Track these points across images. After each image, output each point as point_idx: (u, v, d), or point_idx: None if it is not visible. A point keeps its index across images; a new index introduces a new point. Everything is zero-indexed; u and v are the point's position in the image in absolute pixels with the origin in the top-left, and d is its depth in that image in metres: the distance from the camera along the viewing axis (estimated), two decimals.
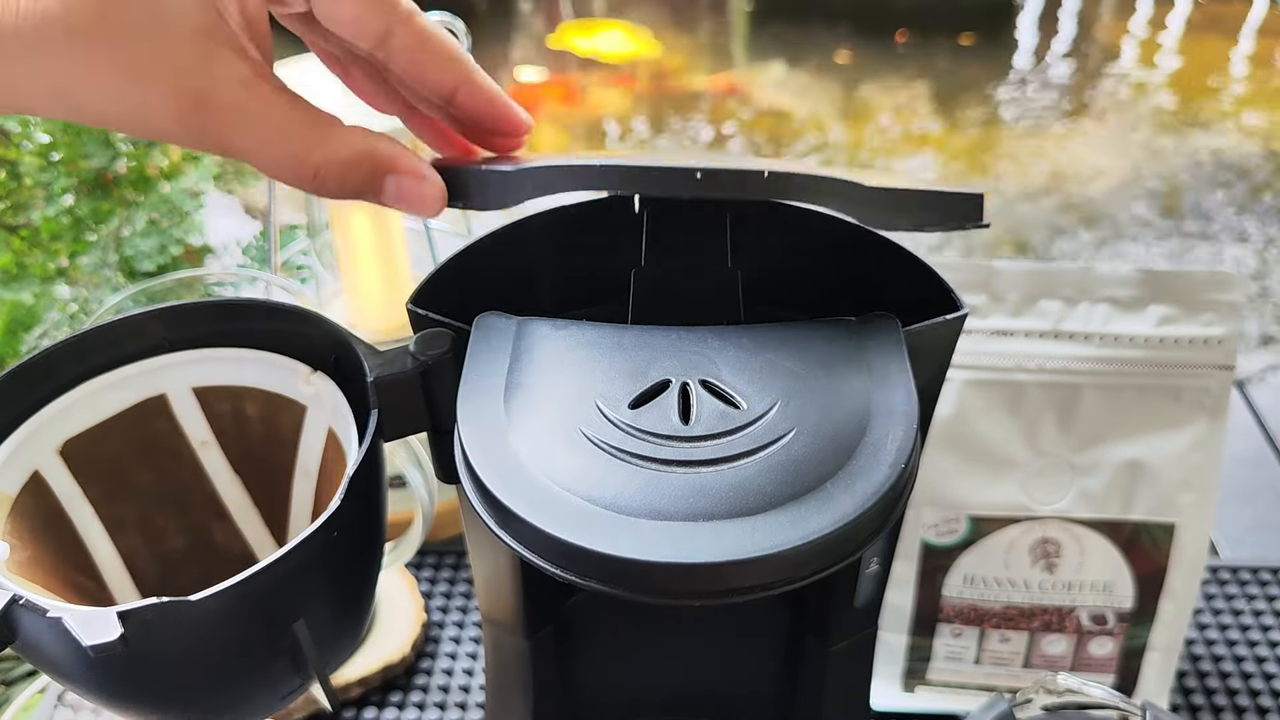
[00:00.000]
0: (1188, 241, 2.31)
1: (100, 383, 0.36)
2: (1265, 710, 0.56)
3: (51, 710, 0.56)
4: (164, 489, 0.38)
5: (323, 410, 0.36)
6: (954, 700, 0.56)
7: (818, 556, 0.27)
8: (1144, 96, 2.93)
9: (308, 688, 0.33)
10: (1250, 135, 2.71)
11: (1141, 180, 2.53)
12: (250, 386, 0.37)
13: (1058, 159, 2.63)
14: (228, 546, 0.39)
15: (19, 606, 0.27)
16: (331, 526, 0.30)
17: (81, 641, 0.26)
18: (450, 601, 0.62)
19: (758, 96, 2.97)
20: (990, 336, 0.50)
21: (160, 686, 0.30)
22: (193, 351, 0.37)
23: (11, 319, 1.08)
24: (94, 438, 0.36)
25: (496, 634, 0.42)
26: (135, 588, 0.37)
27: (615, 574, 0.26)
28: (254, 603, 0.29)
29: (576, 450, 0.28)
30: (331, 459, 0.36)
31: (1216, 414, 0.50)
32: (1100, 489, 0.52)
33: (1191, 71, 3.05)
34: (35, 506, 0.34)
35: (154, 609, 0.26)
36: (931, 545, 0.53)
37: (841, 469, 0.28)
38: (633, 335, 0.32)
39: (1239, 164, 2.58)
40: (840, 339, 0.32)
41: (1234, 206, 2.41)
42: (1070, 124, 2.79)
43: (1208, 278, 0.49)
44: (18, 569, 0.32)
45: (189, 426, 0.38)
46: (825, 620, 0.40)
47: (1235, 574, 0.63)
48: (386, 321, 0.60)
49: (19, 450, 0.34)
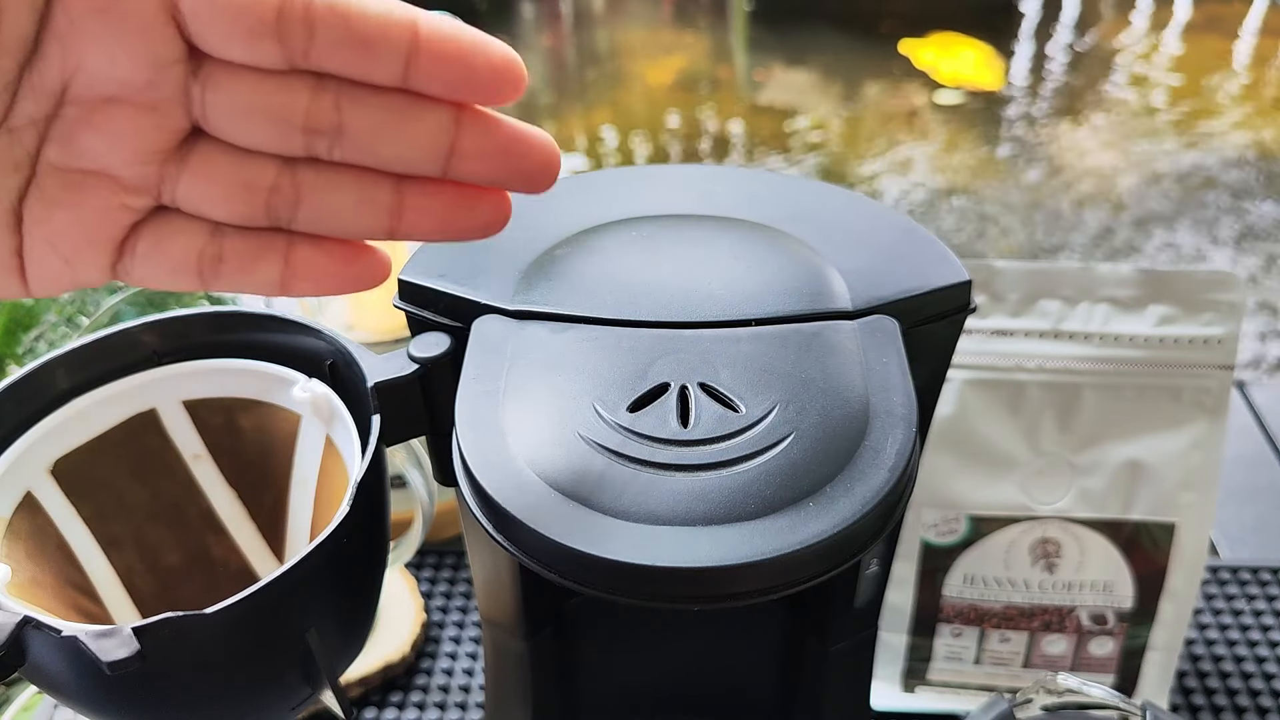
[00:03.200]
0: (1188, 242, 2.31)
1: (89, 399, 0.35)
2: (1265, 710, 0.56)
3: (51, 710, 0.56)
4: (158, 505, 0.38)
5: (319, 418, 0.36)
6: (954, 700, 0.56)
7: (817, 561, 0.27)
8: (1143, 96, 2.93)
9: (318, 697, 0.33)
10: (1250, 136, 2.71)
11: (1141, 180, 2.53)
12: (242, 398, 0.37)
13: (1058, 159, 2.62)
14: (225, 561, 0.39)
15: (30, 628, 0.27)
16: (341, 534, 0.30)
17: (99, 659, 0.26)
18: (450, 601, 0.62)
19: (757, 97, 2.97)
20: (990, 336, 0.50)
21: (172, 703, 0.30)
22: (183, 364, 0.37)
23: (10, 319, 1.08)
24: (85, 456, 0.36)
25: (496, 635, 0.42)
26: (134, 606, 0.37)
27: (613, 579, 0.26)
28: (267, 614, 0.29)
29: (575, 454, 0.28)
30: (330, 467, 0.36)
31: (1216, 414, 0.50)
32: (1100, 489, 0.52)
33: (1191, 71, 3.05)
34: (30, 528, 0.34)
35: (169, 624, 0.26)
36: (931, 545, 0.53)
37: (841, 472, 0.28)
38: (631, 337, 0.31)
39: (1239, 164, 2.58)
40: (839, 340, 0.32)
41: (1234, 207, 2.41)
42: (1070, 124, 2.78)
43: (1208, 277, 0.49)
44: (19, 591, 0.32)
45: (181, 441, 0.37)
46: (825, 621, 0.40)
47: (1235, 574, 0.63)
48: (386, 321, 0.60)
49: (10, 471, 0.34)
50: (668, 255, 0.35)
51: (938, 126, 2.76)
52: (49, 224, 0.24)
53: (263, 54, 0.23)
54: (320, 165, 0.25)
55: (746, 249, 0.35)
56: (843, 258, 0.35)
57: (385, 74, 0.24)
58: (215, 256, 0.26)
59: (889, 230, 0.37)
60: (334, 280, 0.27)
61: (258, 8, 0.23)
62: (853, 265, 0.35)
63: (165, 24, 0.23)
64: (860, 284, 0.34)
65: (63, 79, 0.23)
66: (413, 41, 0.24)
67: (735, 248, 0.36)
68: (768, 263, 0.35)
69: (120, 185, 0.25)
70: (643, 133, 2.80)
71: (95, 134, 0.24)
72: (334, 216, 0.26)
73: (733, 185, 0.40)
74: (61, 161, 0.24)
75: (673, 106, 2.92)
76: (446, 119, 0.25)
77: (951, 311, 0.35)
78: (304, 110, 0.24)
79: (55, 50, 0.23)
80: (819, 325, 0.32)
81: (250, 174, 0.25)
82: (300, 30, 0.23)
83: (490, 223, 0.27)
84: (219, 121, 0.24)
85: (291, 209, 0.26)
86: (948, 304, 0.35)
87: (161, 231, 0.25)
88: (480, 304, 0.34)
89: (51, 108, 0.23)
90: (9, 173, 0.24)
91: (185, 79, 0.24)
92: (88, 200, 0.24)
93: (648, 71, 3.19)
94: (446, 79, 0.24)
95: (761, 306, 0.33)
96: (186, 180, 0.25)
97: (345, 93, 0.24)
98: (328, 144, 0.25)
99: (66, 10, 0.22)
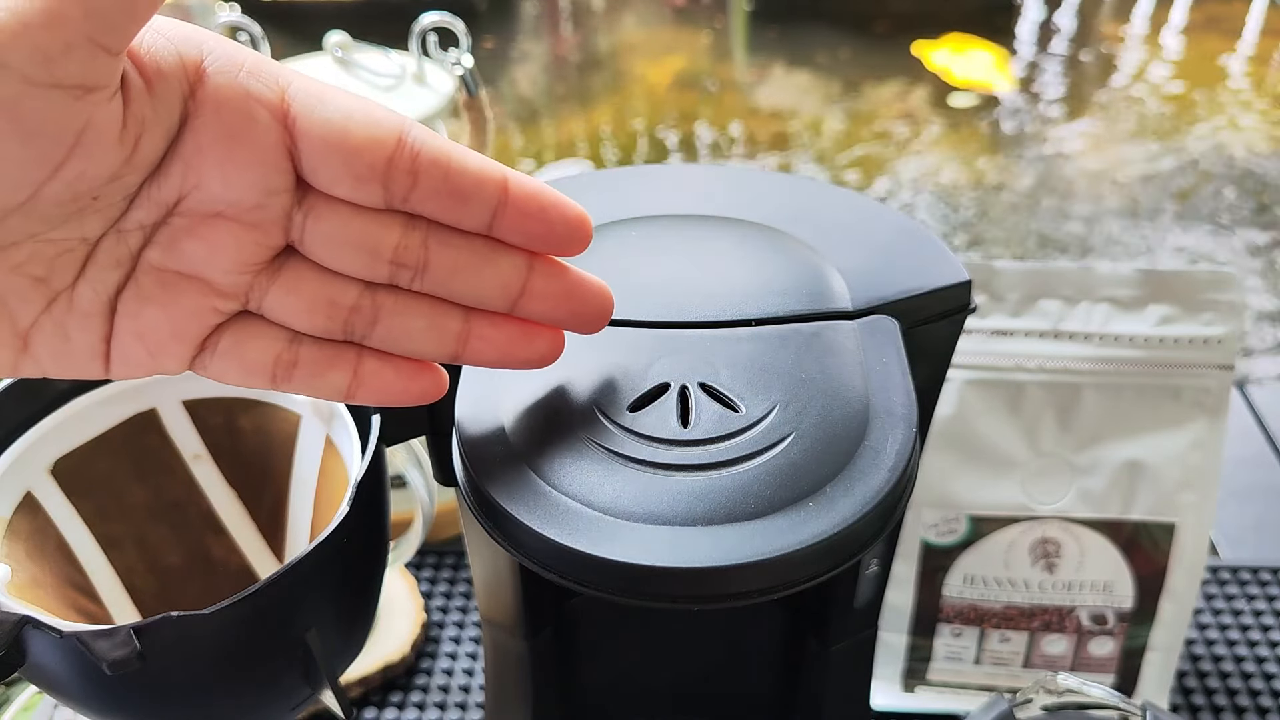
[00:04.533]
0: (1189, 243, 2.31)
1: (89, 399, 0.35)
2: (1265, 710, 0.56)
3: (51, 710, 0.56)
4: (158, 505, 0.38)
5: (319, 418, 0.36)
6: (954, 700, 0.56)
7: (817, 561, 0.27)
8: (1143, 97, 2.93)
9: (318, 697, 0.33)
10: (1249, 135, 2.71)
11: (1141, 182, 2.53)
12: (242, 398, 0.37)
13: (1059, 159, 2.62)
14: (225, 561, 0.39)
15: (30, 628, 0.27)
16: (340, 534, 0.30)
17: (99, 659, 0.26)
18: (450, 601, 0.62)
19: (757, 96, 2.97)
20: (990, 336, 0.50)
21: (172, 703, 0.30)
22: None
23: None
24: (85, 456, 0.36)
25: (496, 635, 0.42)
26: (134, 606, 0.37)
27: (613, 579, 0.26)
28: (267, 614, 0.29)
29: (575, 453, 0.28)
30: (330, 466, 0.36)
31: (1216, 414, 0.50)
32: (1100, 489, 0.52)
33: (1191, 72, 3.05)
34: (30, 528, 0.34)
35: (169, 623, 0.26)
36: (931, 545, 0.53)
37: (841, 472, 0.28)
38: (631, 337, 0.31)
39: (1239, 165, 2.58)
40: (839, 340, 0.32)
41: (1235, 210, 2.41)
42: (1069, 125, 2.78)
43: (1208, 277, 0.49)
44: (19, 591, 0.32)
45: (181, 441, 0.37)
46: (825, 621, 0.40)
47: (1235, 574, 0.63)
48: None
49: (10, 471, 0.34)
50: (668, 255, 0.35)
51: (941, 127, 2.76)
52: (140, 318, 0.26)
53: (367, 195, 0.25)
54: (399, 291, 0.27)
55: (746, 249, 0.35)
56: (843, 258, 0.35)
57: (473, 222, 0.26)
58: (290, 362, 0.27)
59: (889, 230, 0.37)
60: (396, 393, 0.28)
61: (369, 155, 0.25)
62: (853, 265, 0.35)
63: (282, 158, 0.24)
64: (860, 284, 0.34)
65: (179, 194, 0.24)
66: (502, 197, 0.26)
67: (735, 248, 0.36)
68: (768, 263, 0.35)
69: (213, 290, 0.26)
70: (642, 132, 2.80)
71: (198, 243, 0.25)
72: (406, 338, 0.27)
73: (733, 185, 0.40)
74: (161, 263, 0.25)
75: (672, 106, 2.92)
76: (521, 264, 0.27)
77: (951, 311, 0.35)
78: (394, 246, 0.26)
79: (178, 170, 0.24)
80: (819, 325, 0.32)
81: (335, 293, 0.27)
82: (404, 178, 0.25)
83: (545, 356, 0.29)
84: (314, 246, 0.26)
85: (368, 327, 0.27)
86: (948, 304, 0.35)
87: (243, 334, 0.27)
88: None
89: (162, 216, 0.25)
90: (110, 268, 0.25)
91: (290, 205, 0.25)
92: (180, 300, 0.26)
93: (648, 71, 3.19)
94: (527, 231, 0.27)
95: (761, 306, 0.33)
96: (275, 292, 0.26)
97: (434, 234, 0.26)
98: (410, 276, 0.27)
99: (196, 137, 0.24)
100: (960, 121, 2.80)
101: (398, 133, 0.25)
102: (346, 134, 0.24)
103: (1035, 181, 2.52)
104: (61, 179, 0.22)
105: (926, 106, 2.86)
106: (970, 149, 2.67)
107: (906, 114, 2.82)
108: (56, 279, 0.24)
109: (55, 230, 0.24)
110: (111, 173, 0.23)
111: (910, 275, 0.34)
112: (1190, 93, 2.93)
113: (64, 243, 0.24)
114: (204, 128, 0.24)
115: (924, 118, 2.81)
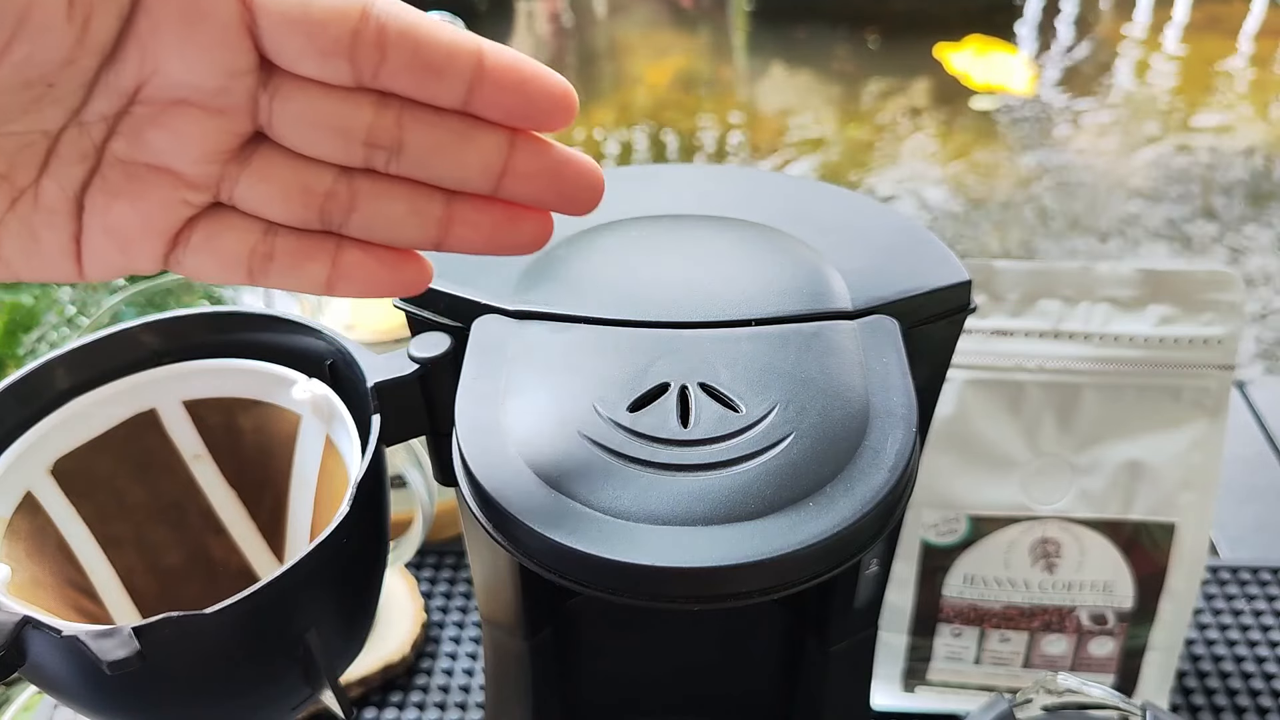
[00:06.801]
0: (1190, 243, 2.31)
1: (90, 399, 0.35)
2: (1265, 710, 0.56)
3: (51, 710, 0.56)
4: (158, 505, 0.38)
5: (319, 418, 0.36)
6: (954, 700, 0.56)
7: (816, 561, 0.27)
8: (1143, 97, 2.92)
9: (318, 697, 0.33)
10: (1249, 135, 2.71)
11: (1140, 181, 2.53)
12: (242, 398, 0.37)
13: (1057, 160, 2.62)
14: (225, 561, 0.39)
15: (30, 628, 0.27)
16: (340, 534, 0.30)
17: (100, 659, 0.26)
18: (450, 601, 0.62)
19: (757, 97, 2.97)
20: (990, 336, 0.50)
21: (172, 703, 0.30)
22: (183, 364, 0.36)
23: (11, 320, 1.08)
24: (85, 456, 0.36)
25: (496, 635, 0.42)
26: (134, 607, 0.37)
27: (613, 579, 0.26)
28: (267, 614, 0.29)
29: (575, 453, 0.28)
30: (331, 466, 0.36)
31: (1216, 414, 0.50)
32: (1100, 489, 0.52)
33: (1191, 71, 3.05)
34: (30, 527, 0.34)
35: (169, 624, 0.26)
36: (931, 545, 0.53)
37: (841, 472, 0.28)
38: (631, 337, 0.31)
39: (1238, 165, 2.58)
40: (839, 340, 0.32)
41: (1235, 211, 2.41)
42: (1070, 125, 2.78)
43: (1208, 277, 0.49)
44: (18, 591, 0.32)
45: (181, 441, 0.37)
46: (825, 621, 0.40)
47: (1235, 574, 0.63)
48: (386, 321, 0.60)
49: (10, 470, 0.34)
50: (668, 255, 0.35)
51: (941, 127, 2.76)
52: (109, 213, 0.25)
53: (333, 72, 0.24)
54: (376, 175, 0.26)
55: (746, 249, 0.35)
56: (843, 258, 0.35)
57: (449, 98, 0.25)
58: (266, 254, 0.26)
59: (889, 230, 0.37)
60: (379, 284, 0.27)
61: (333, 29, 0.23)
62: (853, 265, 0.35)
63: (242, 37, 0.23)
64: (860, 284, 0.34)
65: (138, 80, 0.24)
66: (477, 69, 0.25)
67: (735, 248, 0.36)
68: (768, 263, 0.35)
69: (182, 181, 0.25)
70: (642, 132, 2.80)
71: (163, 132, 0.24)
72: (385, 224, 0.26)
73: (733, 185, 0.40)
74: (126, 155, 0.25)
75: (672, 106, 2.92)
76: (502, 142, 0.26)
77: (951, 311, 0.35)
78: (367, 126, 0.25)
79: (134, 54, 0.23)
80: (819, 325, 0.32)
81: (308, 179, 0.26)
82: (372, 52, 0.24)
83: (533, 240, 0.28)
84: (283, 130, 0.25)
85: (345, 214, 0.26)
86: (948, 304, 0.35)
87: (216, 227, 0.26)
88: (480, 304, 0.34)
89: (123, 105, 0.24)
90: (75, 163, 0.24)
91: (255, 88, 0.24)
92: (148, 193, 0.25)
93: (647, 71, 3.19)
94: (506, 106, 0.25)
95: (761, 306, 0.32)
96: (246, 180, 0.25)
97: (408, 112, 0.25)
98: (386, 158, 0.26)
99: (149, 16, 0.23)
100: (959, 122, 2.80)
101: (362, 4, 0.24)
102: (308, 6, 0.23)
103: (1051, 181, 2.52)
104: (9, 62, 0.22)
105: (926, 105, 2.86)
106: (976, 148, 2.67)
107: (910, 110, 2.82)
108: (19, 175, 0.24)
109: (12, 123, 0.23)
110: (63, 56, 0.22)
111: (910, 275, 0.34)
112: (1189, 93, 2.92)
113: (23, 136, 0.23)
114: (157, 5, 0.23)
115: (924, 117, 2.81)
